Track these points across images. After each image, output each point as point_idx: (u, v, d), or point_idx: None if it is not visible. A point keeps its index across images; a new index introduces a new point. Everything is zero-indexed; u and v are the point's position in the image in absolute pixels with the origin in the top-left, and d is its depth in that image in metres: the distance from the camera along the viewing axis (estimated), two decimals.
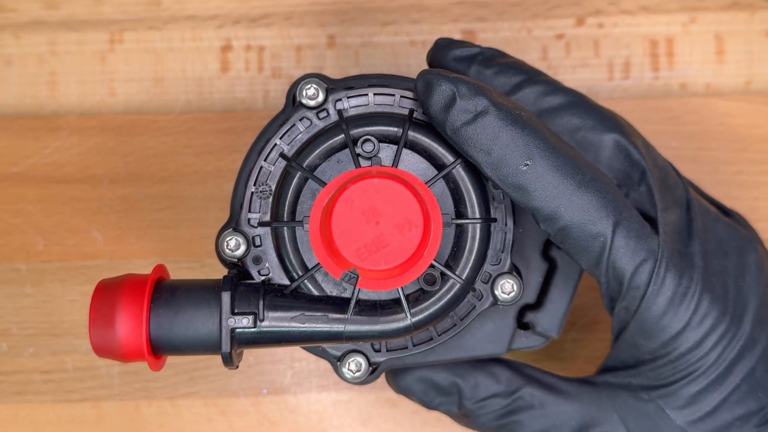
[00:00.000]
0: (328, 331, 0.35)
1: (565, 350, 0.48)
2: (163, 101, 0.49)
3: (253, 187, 0.37)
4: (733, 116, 0.49)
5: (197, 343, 0.35)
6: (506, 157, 0.34)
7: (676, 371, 0.36)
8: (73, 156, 0.49)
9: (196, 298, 0.35)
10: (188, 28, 0.49)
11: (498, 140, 0.34)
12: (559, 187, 0.34)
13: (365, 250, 0.33)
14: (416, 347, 0.38)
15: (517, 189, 0.34)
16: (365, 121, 0.37)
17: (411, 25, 0.49)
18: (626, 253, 0.35)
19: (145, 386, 0.48)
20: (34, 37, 0.49)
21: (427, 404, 0.40)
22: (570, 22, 0.49)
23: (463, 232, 0.36)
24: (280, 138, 0.37)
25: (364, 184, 0.33)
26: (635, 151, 0.37)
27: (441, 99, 0.34)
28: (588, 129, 0.38)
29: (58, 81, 0.49)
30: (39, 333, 0.48)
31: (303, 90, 0.37)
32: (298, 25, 0.49)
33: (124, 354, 0.34)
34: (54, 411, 0.48)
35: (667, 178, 0.38)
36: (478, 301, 0.37)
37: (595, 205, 0.34)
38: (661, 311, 0.35)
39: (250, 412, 0.48)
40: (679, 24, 0.49)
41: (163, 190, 0.49)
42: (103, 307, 0.34)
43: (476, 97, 0.34)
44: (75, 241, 0.48)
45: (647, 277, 0.35)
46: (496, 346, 0.39)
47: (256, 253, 0.37)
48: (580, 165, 0.35)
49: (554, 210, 0.34)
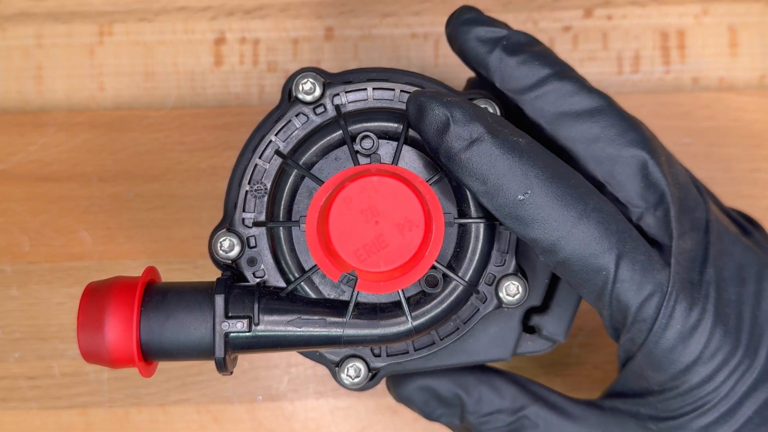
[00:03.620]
0: (326, 336, 0.35)
1: (573, 355, 0.48)
2: (154, 96, 0.49)
3: (247, 186, 0.37)
4: (747, 111, 0.49)
5: (190, 348, 0.34)
6: (503, 187, 0.33)
7: (685, 404, 0.36)
8: (60, 153, 0.48)
9: (189, 301, 0.34)
10: (180, 20, 0.49)
11: (494, 169, 0.33)
12: (559, 218, 0.33)
13: (364, 251, 0.32)
14: (418, 352, 0.37)
15: (514, 220, 0.33)
16: (364, 117, 0.36)
17: (412, 17, 0.49)
18: (631, 287, 0.34)
19: (136, 393, 0.48)
20: (19, 29, 0.49)
21: (428, 415, 0.40)
22: (577, 13, 0.49)
23: (466, 232, 0.36)
24: (276, 134, 0.37)
25: (363, 183, 0.32)
26: (657, 170, 0.36)
27: (434, 124, 0.33)
28: (607, 141, 0.36)
29: (45, 75, 0.49)
30: (25, 337, 0.48)
31: (299, 84, 0.37)
32: (295, 17, 0.49)
33: (113, 360, 0.34)
34: (41, 418, 0.47)
35: (687, 198, 0.37)
36: (482, 303, 0.37)
37: (597, 237, 0.33)
38: (669, 345, 0.34)
39: (244, 420, 0.48)
40: (691, 15, 0.49)
41: (154, 188, 0.48)
42: (91, 311, 0.34)
43: (471, 124, 0.33)
44: (62, 242, 0.48)
45: (654, 311, 0.34)
46: (501, 351, 0.39)
47: (250, 254, 0.36)
48: (581, 194, 0.34)
49: (554, 242, 0.33)
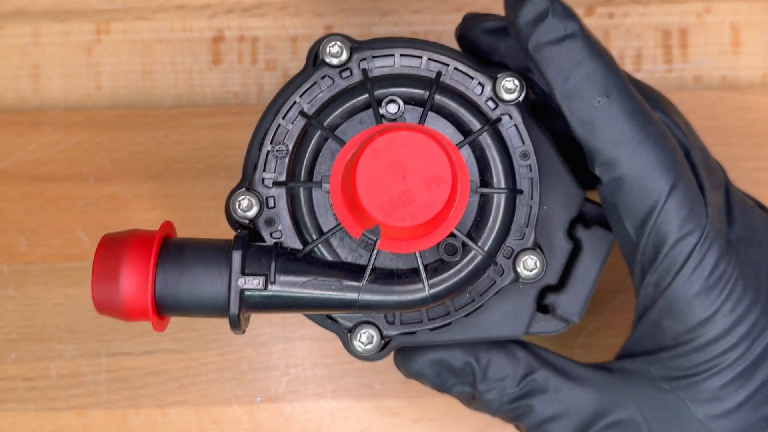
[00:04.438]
0: (341, 299, 0.34)
1: (574, 356, 0.47)
2: (151, 95, 0.49)
3: (269, 146, 0.37)
4: (751, 110, 0.48)
5: (204, 303, 0.34)
6: (583, 88, 0.34)
7: (699, 362, 0.36)
8: (57, 152, 0.48)
9: (205, 256, 0.34)
10: (178, 18, 0.49)
11: (580, 68, 0.34)
12: (628, 132, 0.34)
13: (390, 205, 0.32)
14: (431, 321, 0.37)
15: (585, 124, 0.34)
16: (390, 82, 0.36)
17: (412, 15, 0.49)
18: (676, 219, 0.34)
19: (133, 394, 0.48)
20: (16, 28, 0.49)
21: (440, 386, 0.39)
22: (579, 12, 0.49)
23: (487, 202, 0.36)
24: (300, 96, 0.37)
25: (392, 137, 0.32)
26: (678, 130, 0.37)
27: (532, 11, 0.34)
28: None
29: (42, 74, 0.49)
30: (21, 338, 0.48)
31: (327, 47, 0.36)
32: (294, 15, 0.49)
33: (126, 311, 0.34)
34: (37, 420, 0.47)
35: (708, 159, 0.38)
36: (499, 276, 0.37)
37: (659, 161, 0.34)
38: (693, 292, 0.35)
39: (243, 421, 0.48)
40: (694, 14, 0.49)
41: (152, 188, 0.48)
42: (107, 261, 0.34)
43: (568, 19, 0.34)
44: (59, 242, 0.48)
45: (688, 250, 0.34)
46: (514, 328, 0.39)
47: (269, 214, 0.36)
48: (652, 117, 0.35)
49: (616, 156, 0.34)
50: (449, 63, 0.37)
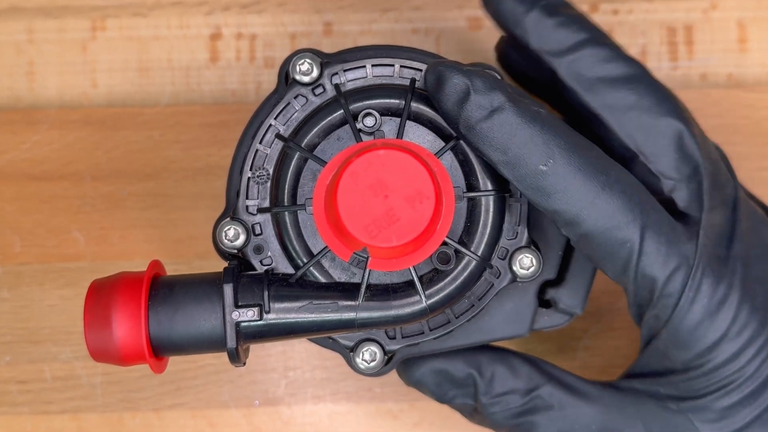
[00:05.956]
0: (338, 320, 0.34)
1: (578, 359, 0.48)
2: (148, 93, 0.49)
3: (249, 172, 0.37)
4: (757, 108, 0.48)
5: (200, 340, 0.34)
6: (524, 157, 0.33)
7: (709, 384, 0.35)
8: (52, 151, 0.48)
9: (196, 292, 0.34)
10: (175, 15, 0.49)
11: (515, 138, 0.33)
12: (581, 189, 0.33)
13: (375, 226, 0.32)
14: (433, 332, 0.37)
15: (536, 191, 0.34)
16: (365, 95, 0.36)
17: (413, 12, 0.49)
18: (657, 260, 0.34)
19: (129, 397, 0.47)
20: (10, 25, 0.49)
21: (440, 397, 0.39)
22: (583, 8, 0.49)
23: (475, 206, 0.36)
24: (275, 118, 0.37)
25: (369, 157, 0.32)
26: (692, 142, 0.36)
27: (454, 93, 0.34)
28: (644, 109, 0.36)
29: (37, 71, 0.49)
30: (16, 340, 0.47)
31: (296, 66, 0.37)
32: (293, 12, 0.49)
33: (123, 356, 0.34)
34: (32, 423, 0.47)
35: (718, 174, 0.37)
36: (496, 278, 0.37)
37: (621, 208, 0.34)
38: (696, 321, 0.34)
39: (241, 425, 0.47)
40: (699, 10, 0.49)
41: (148, 187, 0.48)
42: (98, 309, 0.34)
43: (492, 93, 0.33)
44: (55, 242, 0.48)
45: (680, 285, 0.34)
46: (518, 327, 0.39)
47: (256, 242, 0.36)
48: (604, 165, 0.34)
49: (577, 214, 0.33)
50: (422, 68, 0.37)
